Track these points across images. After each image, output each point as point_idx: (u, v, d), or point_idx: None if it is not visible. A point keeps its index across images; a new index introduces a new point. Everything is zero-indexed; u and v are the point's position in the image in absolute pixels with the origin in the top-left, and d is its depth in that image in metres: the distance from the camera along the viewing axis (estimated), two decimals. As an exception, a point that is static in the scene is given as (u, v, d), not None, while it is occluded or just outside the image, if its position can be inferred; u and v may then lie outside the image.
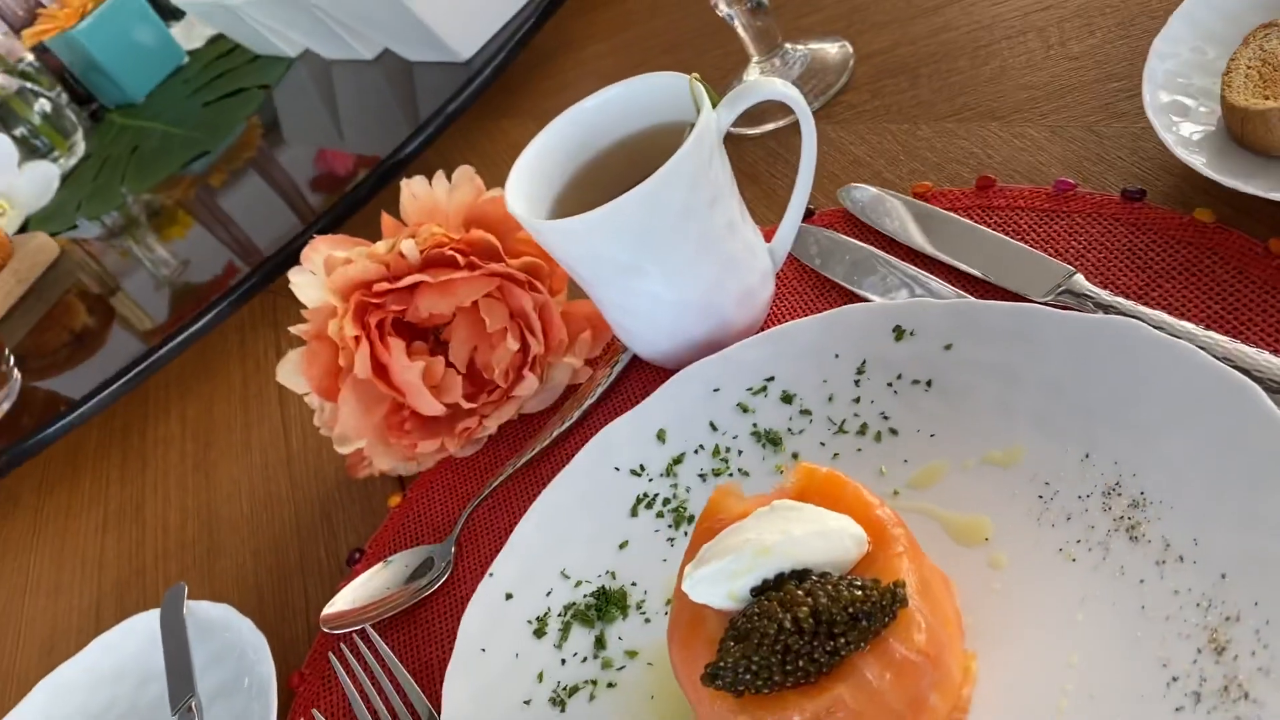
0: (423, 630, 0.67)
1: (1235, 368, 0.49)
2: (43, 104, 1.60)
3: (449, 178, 0.76)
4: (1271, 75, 0.59)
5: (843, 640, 0.42)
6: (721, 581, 0.44)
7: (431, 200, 0.76)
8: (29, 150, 1.58)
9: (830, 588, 0.42)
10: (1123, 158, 0.66)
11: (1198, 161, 0.58)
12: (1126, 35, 0.73)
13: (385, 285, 0.71)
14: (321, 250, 0.74)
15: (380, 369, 0.72)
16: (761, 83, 0.63)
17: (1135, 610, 0.45)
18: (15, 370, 1.17)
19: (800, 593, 0.42)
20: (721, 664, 0.42)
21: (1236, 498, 0.44)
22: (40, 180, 1.53)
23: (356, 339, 0.71)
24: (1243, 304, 0.54)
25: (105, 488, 1.00)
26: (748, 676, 0.42)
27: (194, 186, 1.52)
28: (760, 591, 0.44)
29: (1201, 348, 0.49)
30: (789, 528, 0.44)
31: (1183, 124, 0.61)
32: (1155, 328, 0.51)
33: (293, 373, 0.75)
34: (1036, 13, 0.80)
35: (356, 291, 0.71)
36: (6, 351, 1.16)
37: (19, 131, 1.57)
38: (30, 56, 1.80)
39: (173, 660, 0.72)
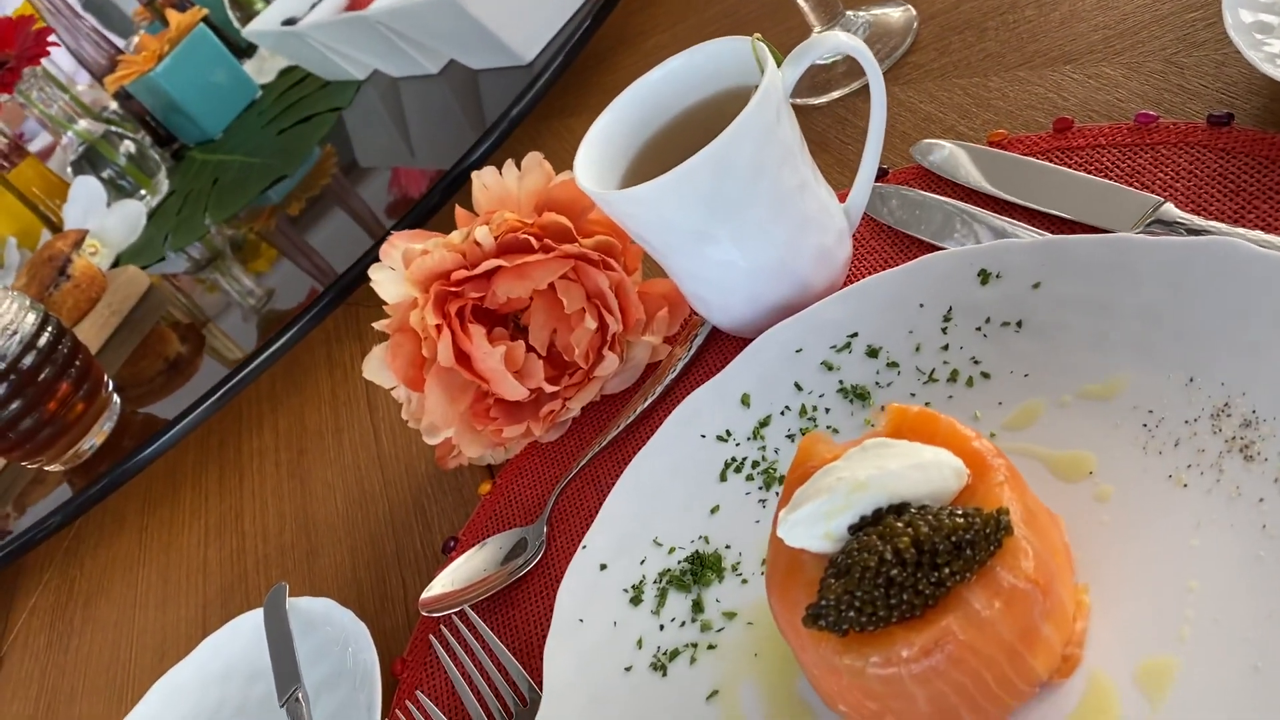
0: (520, 610, 0.67)
1: (1344, 275, 0.47)
2: (127, 145, 1.66)
3: (519, 168, 0.77)
4: (1361, -19, 0.56)
5: (947, 570, 0.40)
6: (817, 522, 0.44)
7: (502, 189, 0.76)
8: (116, 190, 1.64)
9: (931, 517, 0.41)
10: (1205, 85, 0.63)
11: (1286, 74, 0.55)
12: (1201, -36, 0.71)
13: (463, 273, 0.71)
14: (399, 245, 0.75)
15: (463, 357, 0.73)
16: (825, 37, 0.63)
17: (1256, 530, 0.43)
18: (115, 396, 1.20)
19: (900, 524, 0.41)
20: (823, 603, 0.42)
21: (1357, 405, 0.42)
22: (128, 218, 1.58)
23: (438, 328, 0.71)
24: (1348, 216, 0.52)
25: (205, 501, 1.03)
26: (851, 614, 0.41)
27: (274, 216, 1.56)
28: (858, 529, 0.43)
29: (1306, 258, 0.47)
30: (884, 463, 0.43)
31: (1269, 41, 0.59)
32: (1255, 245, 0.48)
33: (378, 367, 0.76)
34: (1104, -48, 0.78)
35: (435, 282, 0.72)
36: (106, 379, 1.20)
37: (107, 174, 1.63)
38: (114, 104, 1.87)
39: (278, 655, 0.73)
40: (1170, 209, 0.57)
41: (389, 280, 0.76)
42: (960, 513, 0.41)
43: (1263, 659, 0.40)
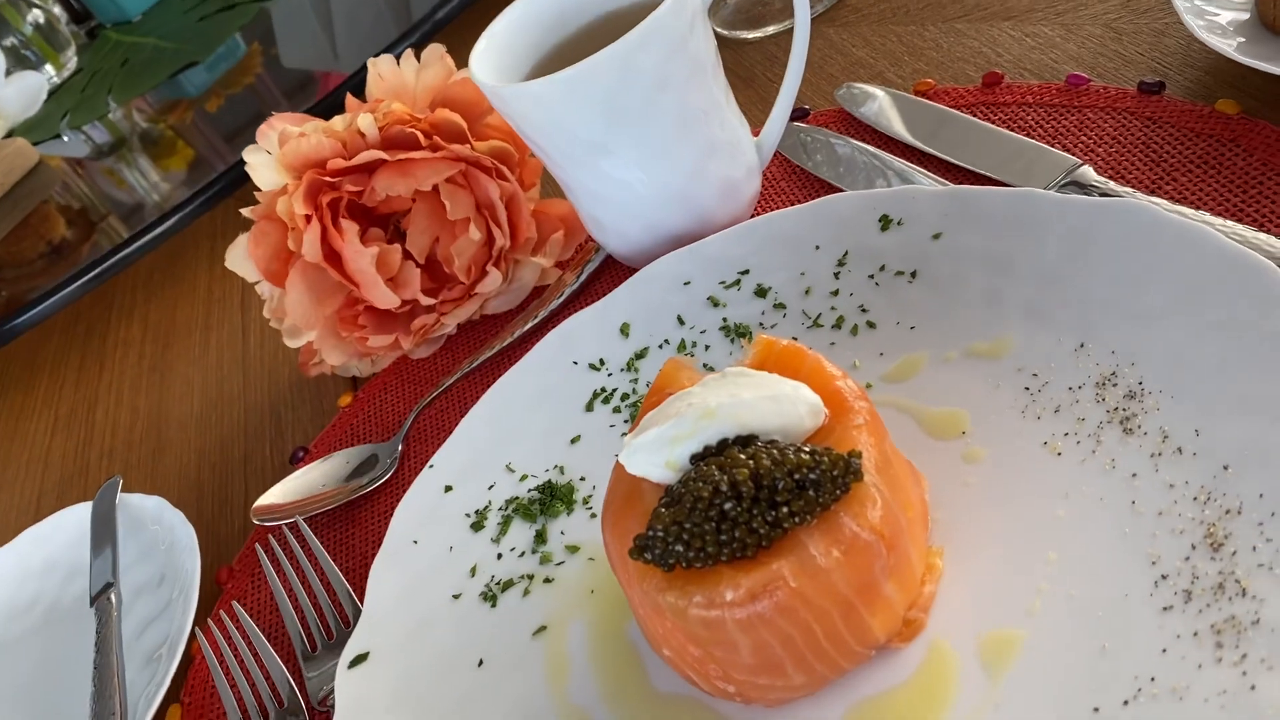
0: (360, 529, 0.62)
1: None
2: (36, 15, 1.55)
3: (419, 60, 0.71)
4: (1311, -46, 0.53)
5: (786, 510, 0.37)
6: (660, 449, 0.40)
7: (399, 81, 0.71)
8: (18, 60, 1.54)
9: (776, 452, 0.37)
10: (1141, 53, 0.60)
11: (1227, 46, 0.52)
12: (1154, -67, 0.67)
13: (341, 163, 0.66)
14: (277, 127, 0.69)
15: (332, 255, 0.67)
16: (751, -52, 0.58)
17: (1124, 506, 0.40)
18: (-20, 270, 1.12)
19: (742, 456, 0.37)
20: (650, 533, 0.38)
21: (1246, 384, 0.39)
22: (27, 91, 1.48)
23: (307, 218, 0.66)
24: (1266, 195, 0.49)
25: (60, 389, 0.96)
26: (679, 547, 0.37)
27: (190, 110, 1.48)
28: (700, 459, 0.39)
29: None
30: (738, 392, 0.40)
31: (1210, 13, 0.56)
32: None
33: (241, 257, 0.70)
34: (1059, -86, 0.74)
35: (310, 170, 0.67)
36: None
37: (9, 42, 1.52)
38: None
39: (98, 552, 0.67)
40: (1087, 172, 0.54)
41: (264, 165, 0.70)
42: (808, 450, 0.37)
43: (1111, 639, 0.37)
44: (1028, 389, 0.46)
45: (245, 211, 0.69)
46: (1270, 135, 0.51)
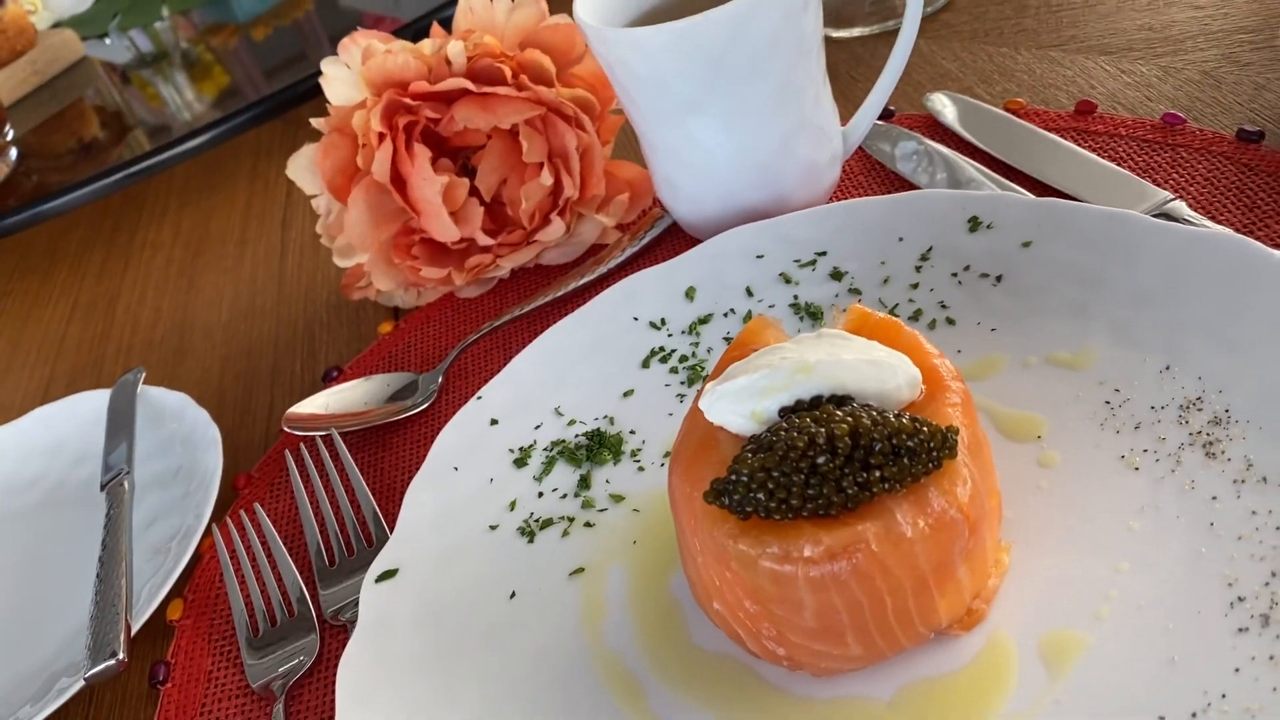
0: (392, 454, 0.61)
1: (1355, 298, 0.44)
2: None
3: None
4: None
5: (878, 474, 0.36)
6: (749, 398, 0.39)
7: (490, 17, 0.70)
8: (75, -45, 1.52)
9: (875, 414, 0.37)
10: (1240, 104, 0.60)
11: (1335, 102, 0.52)
12: (1262, -9, 0.68)
13: (424, 86, 0.65)
14: (361, 43, 0.68)
15: (399, 180, 0.66)
16: (877, -65, 0.58)
17: (1202, 526, 0.39)
18: (12, 149, 1.10)
19: (840, 413, 0.36)
20: (733, 477, 0.37)
21: (1340, 424, 0.39)
22: (79, -15, 1.47)
23: (380, 136, 0.65)
24: (1361, 252, 0.49)
25: (80, 280, 0.94)
26: (760, 496, 0.36)
27: (235, 35, 1.46)
28: (791, 414, 0.38)
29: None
30: (837, 352, 0.39)
31: (1320, 70, 0.56)
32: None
33: (305, 167, 0.69)
34: (1166, -39, 0.74)
35: (391, 89, 0.66)
36: (7, 126, 1.10)
37: (69, -64, 1.50)
38: None
39: (114, 437, 0.66)
40: (1180, 206, 0.54)
41: (341, 80, 0.69)
42: (909, 418, 0.37)
43: (1181, 652, 0.36)
44: (1108, 403, 0.45)
45: (316, 122, 0.68)
46: (1370, 196, 0.51)
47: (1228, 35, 0.66)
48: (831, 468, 0.36)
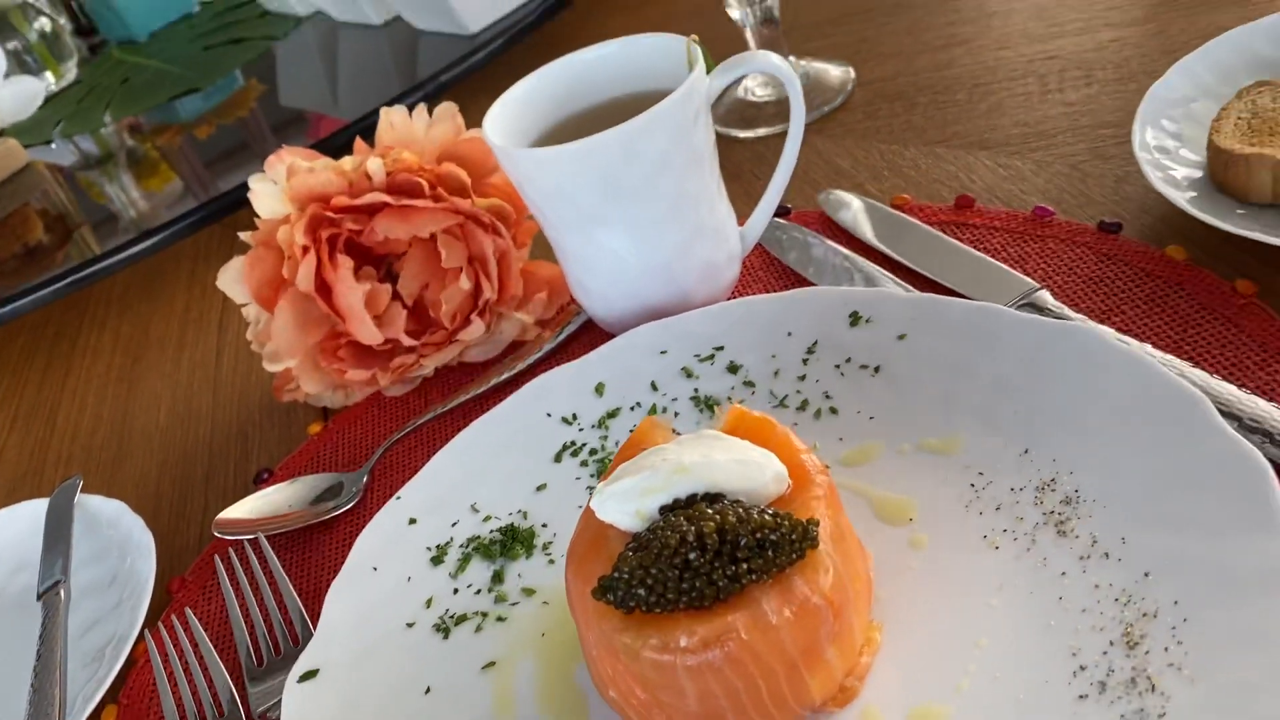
0: (318, 554, 0.64)
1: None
2: (43, 23, 1.58)
3: (431, 115, 0.75)
4: (1259, 127, 0.59)
5: (745, 567, 0.39)
6: (632, 498, 0.42)
7: (409, 132, 0.74)
8: (19, 65, 1.55)
9: (742, 510, 0.40)
10: (1103, 196, 0.65)
11: (1180, 198, 0.57)
12: (1123, 89, 0.74)
13: (345, 200, 0.69)
14: (287, 159, 0.72)
15: (324, 288, 0.70)
16: (758, 54, 0.63)
17: (1052, 600, 0.43)
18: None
19: (710, 511, 0.40)
20: (616, 575, 0.40)
21: (1170, 502, 0.43)
22: (24, 94, 1.50)
23: (305, 249, 0.68)
24: (1203, 336, 0.54)
25: (21, 388, 0.96)
26: (641, 591, 0.39)
27: (180, 135, 1.50)
28: (670, 512, 0.42)
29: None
30: (710, 452, 0.42)
31: (1169, 166, 0.61)
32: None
33: (234, 279, 0.72)
34: (1040, 60, 0.80)
35: (314, 203, 0.69)
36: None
37: (13, 45, 1.54)
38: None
39: (50, 547, 0.68)
40: (1044, 296, 0.58)
41: (268, 194, 0.72)
42: (771, 512, 0.40)
43: (1030, 721, 0.40)
44: (973, 485, 0.49)
45: (244, 235, 0.72)
46: (1211, 283, 0.56)
47: (1093, 130, 0.71)
48: (702, 562, 0.39)
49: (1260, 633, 0.37)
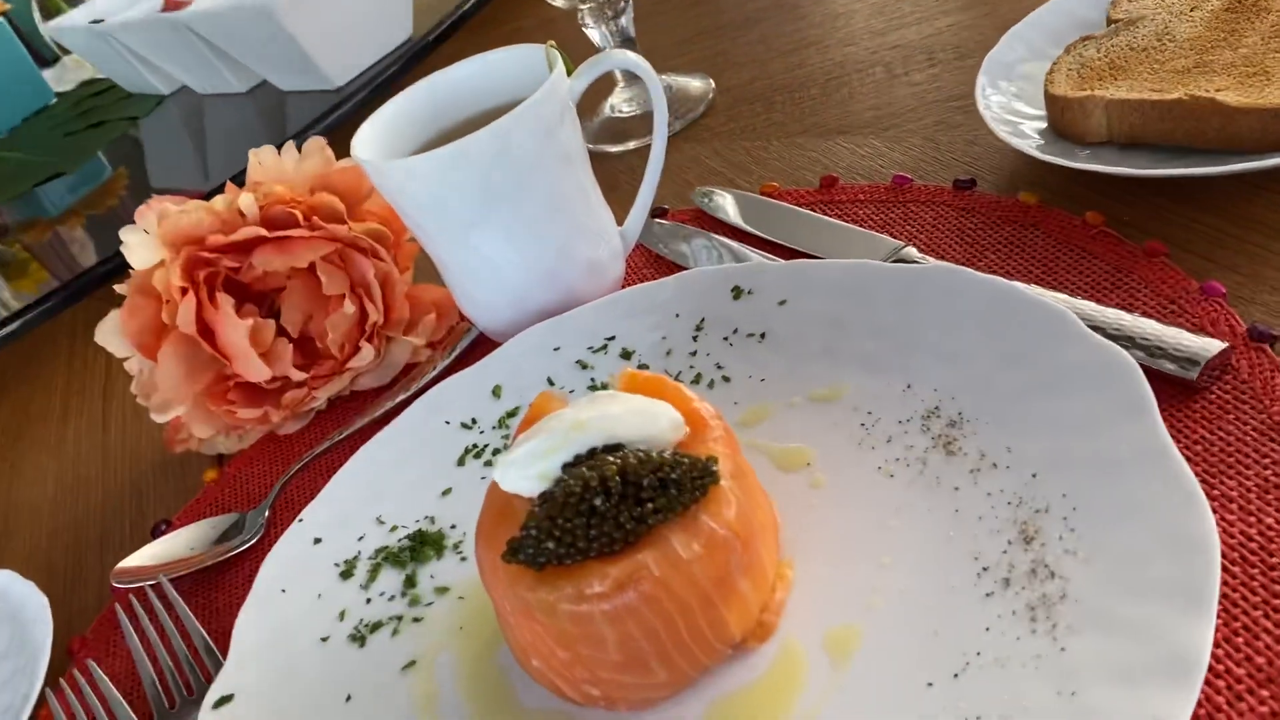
0: (225, 593, 0.62)
1: (1049, 303, 0.51)
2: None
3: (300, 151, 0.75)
4: (1088, 74, 0.63)
5: (650, 506, 0.40)
6: (533, 461, 0.42)
7: (279, 169, 0.74)
8: None
9: (642, 453, 0.41)
10: (956, 158, 0.69)
11: (1027, 145, 0.61)
12: (962, 65, 0.78)
13: (220, 239, 0.68)
14: (156, 207, 0.71)
15: (206, 330, 0.69)
16: (613, 53, 0.65)
17: (949, 514, 0.45)
18: None
19: (611, 459, 0.40)
20: (524, 534, 0.40)
21: (1049, 407, 0.45)
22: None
23: (183, 290, 0.67)
24: (1061, 267, 0.57)
25: (-105, 483, 0.92)
26: (550, 544, 0.40)
27: (48, 230, 1.47)
28: (572, 468, 0.42)
29: (1018, 287, 0.51)
30: (606, 408, 0.43)
31: (1014, 120, 0.64)
32: (977, 275, 0.52)
33: (113, 331, 0.71)
34: (885, 50, 0.85)
35: (188, 245, 0.69)
36: None
37: None
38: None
39: (-63, 626, 0.64)
40: (911, 251, 0.61)
41: (141, 244, 0.71)
42: (672, 453, 0.41)
43: (941, 625, 0.41)
44: (863, 425, 0.51)
45: (119, 286, 0.70)
46: (1063, 219, 0.59)
47: (941, 104, 0.75)
48: (608, 507, 0.40)
49: (1141, 504, 0.39)
